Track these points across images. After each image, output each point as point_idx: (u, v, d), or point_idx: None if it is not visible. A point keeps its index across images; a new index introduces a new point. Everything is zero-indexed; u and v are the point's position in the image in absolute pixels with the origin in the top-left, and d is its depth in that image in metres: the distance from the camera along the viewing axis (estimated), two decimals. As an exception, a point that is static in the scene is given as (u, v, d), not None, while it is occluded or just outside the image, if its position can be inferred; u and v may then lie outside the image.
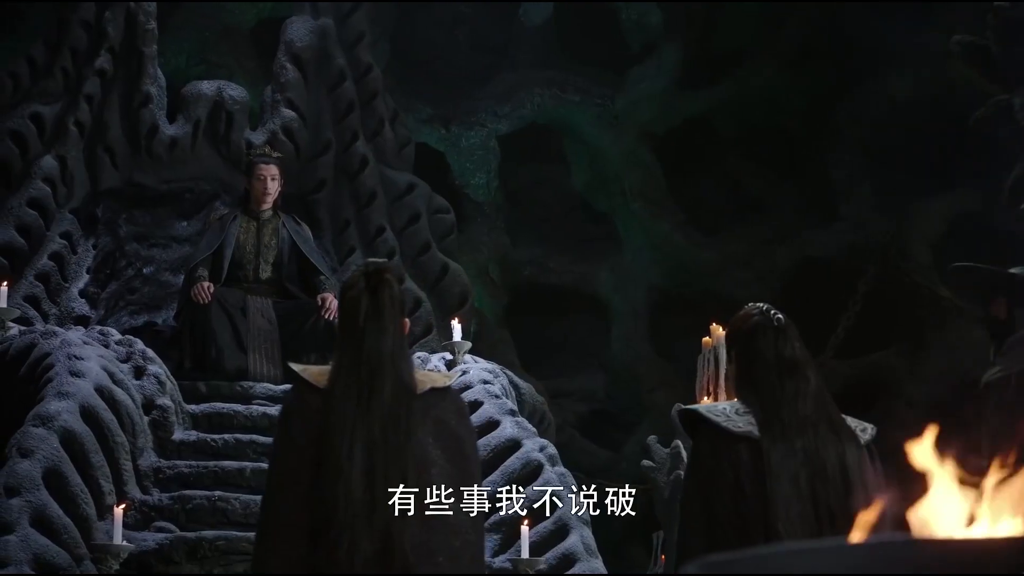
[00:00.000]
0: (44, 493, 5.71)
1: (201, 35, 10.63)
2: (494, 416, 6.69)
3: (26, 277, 8.25)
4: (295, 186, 8.94)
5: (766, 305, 3.76)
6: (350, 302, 3.32)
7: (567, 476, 6.47)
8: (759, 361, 3.60)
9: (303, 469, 3.19)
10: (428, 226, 9.25)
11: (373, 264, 3.43)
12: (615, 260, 11.55)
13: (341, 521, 3.10)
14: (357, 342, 3.27)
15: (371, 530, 3.10)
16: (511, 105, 11.24)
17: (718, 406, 3.66)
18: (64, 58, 8.83)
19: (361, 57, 9.42)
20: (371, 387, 3.22)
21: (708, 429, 3.57)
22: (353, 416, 3.19)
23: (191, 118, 8.98)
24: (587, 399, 11.27)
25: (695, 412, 3.65)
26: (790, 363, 3.57)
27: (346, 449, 3.15)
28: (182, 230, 8.63)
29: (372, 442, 3.17)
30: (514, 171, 11.39)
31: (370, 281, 3.31)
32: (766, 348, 3.60)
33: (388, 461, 3.16)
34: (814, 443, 3.47)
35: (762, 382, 3.57)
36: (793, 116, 11.39)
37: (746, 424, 3.53)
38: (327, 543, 3.10)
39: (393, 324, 3.30)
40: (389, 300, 3.31)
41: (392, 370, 3.25)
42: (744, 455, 3.47)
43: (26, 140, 8.60)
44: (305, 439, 3.21)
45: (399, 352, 3.30)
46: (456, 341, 7.60)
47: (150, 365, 6.70)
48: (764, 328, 3.63)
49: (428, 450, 3.24)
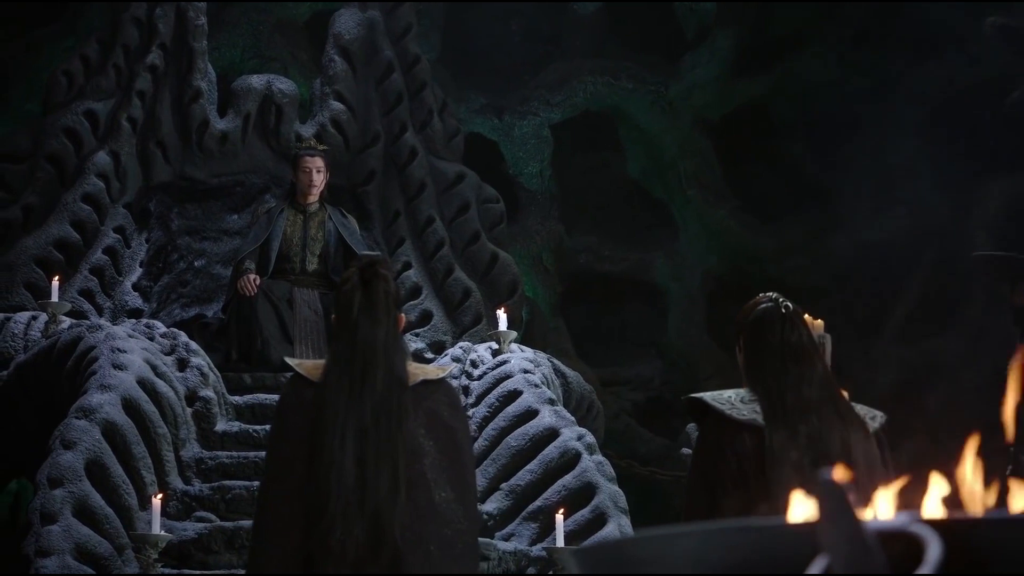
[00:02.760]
0: (86, 484, 5.82)
1: (255, 29, 10.72)
2: (533, 405, 6.70)
3: (81, 271, 8.42)
4: (345, 178, 9.01)
5: (775, 294, 3.77)
6: (344, 296, 3.36)
7: (605, 465, 6.47)
8: (765, 347, 3.62)
9: (298, 461, 3.25)
10: (477, 216, 9.27)
11: (367, 258, 3.47)
12: (671, 247, 11.50)
13: (333, 509, 3.15)
14: (350, 335, 3.31)
15: (362, 518, 3.14)
16: (563, 93, 11.22)
17: (724, 394, 3.66)
18: (116, 55, 8.97)
19: (409, 48, 9.46)
20: (364, 379, 3.27)
21: (713, 417, 3.57)
22: (345, 406, 3.24)
23: (241, 112, 9.09)
24: (643, 387, 11.24)
25: (701, 400, 3.65)
26: (796, 349, 3.58)
27: (338, 438, 3.20)
28: (233, 223, 8.72)
29: (364, 431, 3.22)
30: (568, 159, 11.38)
31: (364, 275, 3.36)
32: (772, 334, 3.61)
33: (379, 450, 3.21)
34: (818, 429, 3.46)
35: (768, 368, 3.58)
36: (849, 100, 11.26)
37: (751, 412, 3.53)
38: (320, 531, 3.15)
39: (387, 317, 3.34)
40: (383, 294, 3.35)
41: (384, 362, 3.29)
42: (747, 443, 3.48)
43: (80, 137, 8.75)
44: (299, 432, 3.27)
45: (392, 344, 3.34)
46: (502, 331, 7.61)
47: (193, 357, 6.79)
48: (771, 315, 3.65)
49: (419, 441, 3.28)
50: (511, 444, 6.61)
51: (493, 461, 6.63)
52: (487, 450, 6.68)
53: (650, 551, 1.32)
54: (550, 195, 11.26)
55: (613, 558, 1.39)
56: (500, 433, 6.69)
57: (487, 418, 6.80)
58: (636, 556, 1.34)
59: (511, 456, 6.58)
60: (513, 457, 6.58)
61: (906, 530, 1.18)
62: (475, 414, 6.87)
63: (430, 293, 8.85)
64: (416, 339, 8.56)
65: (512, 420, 6.70)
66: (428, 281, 8.90)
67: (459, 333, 8.69)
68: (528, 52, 11.30)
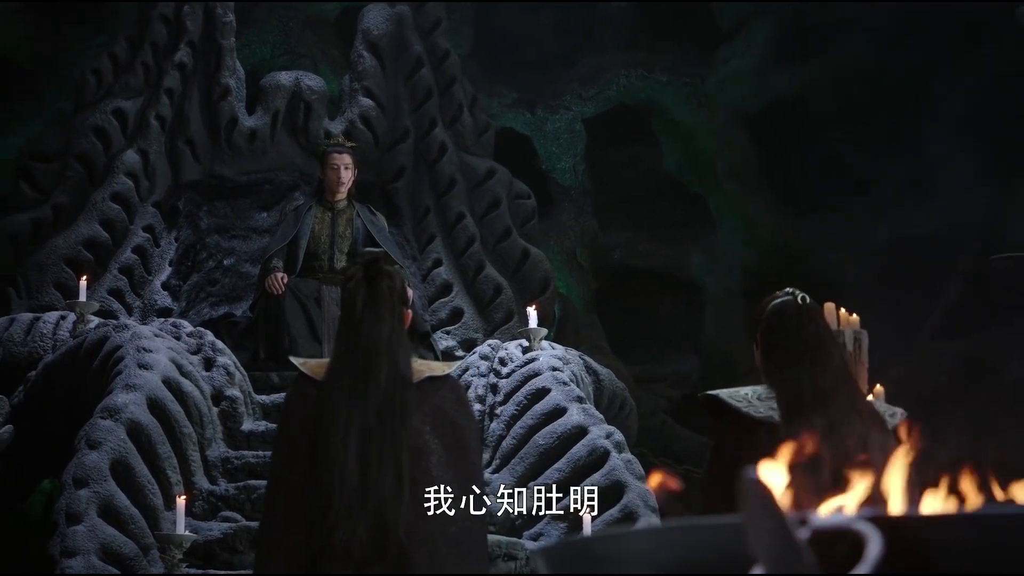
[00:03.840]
0: (111, 484, 5.88)
1: (285, 26, 10.78)
2: (561, 403, 6.71)
3: (110, 271, 8.49)
4: (374, 174, 9.04)
5: (792, 288, 3.76)
6: (348, 293, 3.39)
7: (634, 463, 6.47)
8: (782, 341, 3.62)
9: (301, 460, 3.28)
10: (508, 212, 9.29)
11: (371, 254, 3.50)
12: (708, 242, 11.47)
13: (337, 508, 3.18)
14: (354, 332, 3.34)
15: (365, 516, 3.16)
16: (597, 87, 11.21)
17: (741, 391, 3.67)
18: (145, 53, 9.05)
19: (438, 43, 9.49)
20: (367, 375, 3.29)
21: (729, 415, 3.57)
22: (348, 403, 3.26)
23: (270, 109, 9.14)
24: (680, 384, 11.22)
25: (717, 398, 3.65)
26: (812, 342, 3.59)
27: (341, 436, 3.23)
28: (262, 221, 8.77)
29: (367, 429, 3.24)
30: (602, 154, 11.37)
31: (368, 271, 3.37)
32: (789, 328, 3.62)
33: (382, 448, 3.23)
34: (834, 421, 3.45)
35: (784, 362, 3.59)
36: (890, 91, 11.20)
37: (767, 409, 3.54)
38: (323, 531, 3.17)
39: (391, 313, 3.36)
40: (388, 290, 3.37)
41: (388, 358, 3.31)
42: (764, 440, 3.47)
43: (109, 135, 8.84)
44: (303, 432, 3.30)
45: (396, 341, 3.35)
46: (532, 328, 7.61)
47: (219, 356, 6.85)
48: (787, 308, 3.66)
49: (425, 438, 3.30)
50: (539, 443, 6.62)
51: (521, 460, 6.65)
52: (515, 448, 6.70)
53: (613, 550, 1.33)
54: (583, 190, 11.26)
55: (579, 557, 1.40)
56: (528, 431, 6.70)
57: (515, 416, 6.82)
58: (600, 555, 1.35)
59: (539, 455, 6.59)
60: (541, 456, 6.59)
61: (848, 528, 1.18)
62: (503, 412, 6.88)
63: (461, 290, 8.87)
64: (447, 336, 8.59)
65: (540, 418, 6.71)
66: (459, 278, 8.92)
67: (490, 330, 8.71)
68: (560, 45, 11.30)
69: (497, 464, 6.76)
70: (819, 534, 1.19)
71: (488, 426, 6.94)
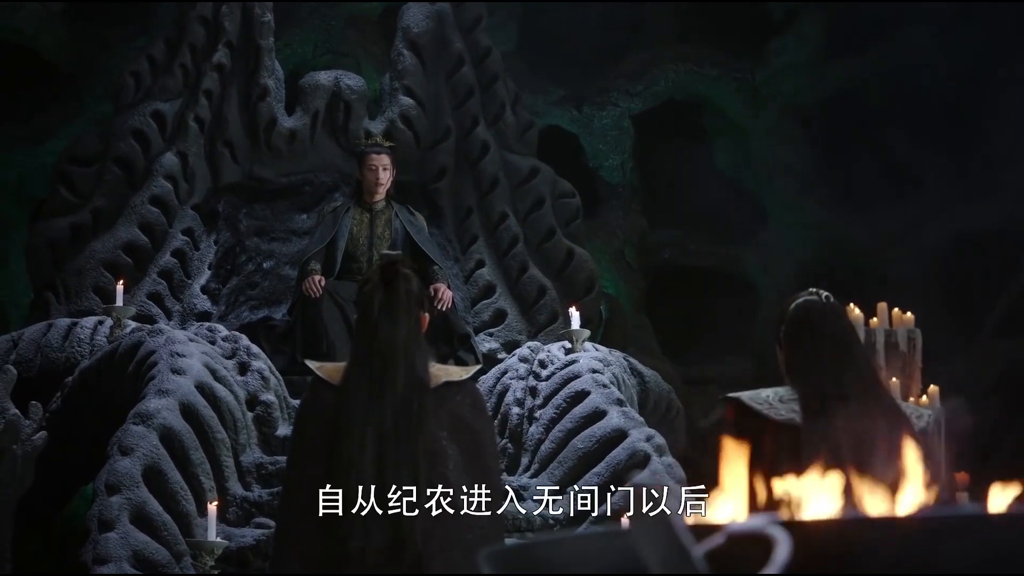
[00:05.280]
0: (144, 490, 5.95)
1: (327, 25, 10.84)
2: (600, 406, 6.71)
3: (149, 275, 8.56)
4: (415, 175, 9.06)
5: (816, 288, 3.75)
6: (365, 296, 3.40)
7: (675, 467, 6.45)
8: (804, 340, 3.63)
9: (318, 466, 3.28)
10: (552, 211, 9.28)
11: (387, 257, 3.51)
12: (761, 240, 11.40)
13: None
14: (370, 335, 3.35)
15: (381, 522, 3.17)
16: (644, 83, 11.18)
17: (762, 393, 3.66)
18: (183, 55, 9.11)
19: (480, 40, 9.49)
20: (383, 379, 3.30)
21: (750, 418, 3.56)
22: (365, 408, 3.28)
23: (309, 110, 9.18)
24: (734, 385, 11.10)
25: (738, 401, 3.64)
26: (835, 340, 3.60)
27: (358, 440, 3.24)
28: (301, 223, 8.82)
29: (383, 434, 3.26)
30: (650, 151, 11.34)
31: (385, 274, 3.39)
32: (811, 326, 3.62)
33: (399, 453, 3.24)
34: (856, 418, 3.43)
35: (806, 361, 3.58)
36: (948, 83, 11.08)
37: (788, 412, 3.53)
38: (339, 537, 3.18)
39: (408, 317, 3.36)
40: (405, 293, 3.38)
41: (405, 362, 3.32)
42: (785, 443, 3.46)
43: (148, 138, 8.89)
44: (319, 437, 3.31)
45: (413, 344, 3.36)
46: (574, 329, 7.62)
47: (254, 361, 6.89)
48: (810, 307, 3.66)
49: (442, 444, 3.30)
50: (578, 446, 6.62)
51: (560, 464, 6.65)
52: (553, 452, 6.70)
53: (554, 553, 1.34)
54: (632, 188, 11.24)
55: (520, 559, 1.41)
56: (567, 435, 6.70)
57: (554, 419, 6.82)
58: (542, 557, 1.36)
59: (578, 459, 6.59)
60: (580, 460, 6.59)
61: (759, 531, 1.18)
62: (542, 415, 6.88)
63: (504, 291, 8.87)
64: (490, 339, 8.59)
65: (579, 422, 6.71)
66: (502, 279, 8.92)
67: (534, 332, 8.71)
68: (607, 41, 11.27)
69: (536, 468, 6.76)
70: (734, 538, 1.19)
71: (527, 430, 6.95)
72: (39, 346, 7.58)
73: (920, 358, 8.60)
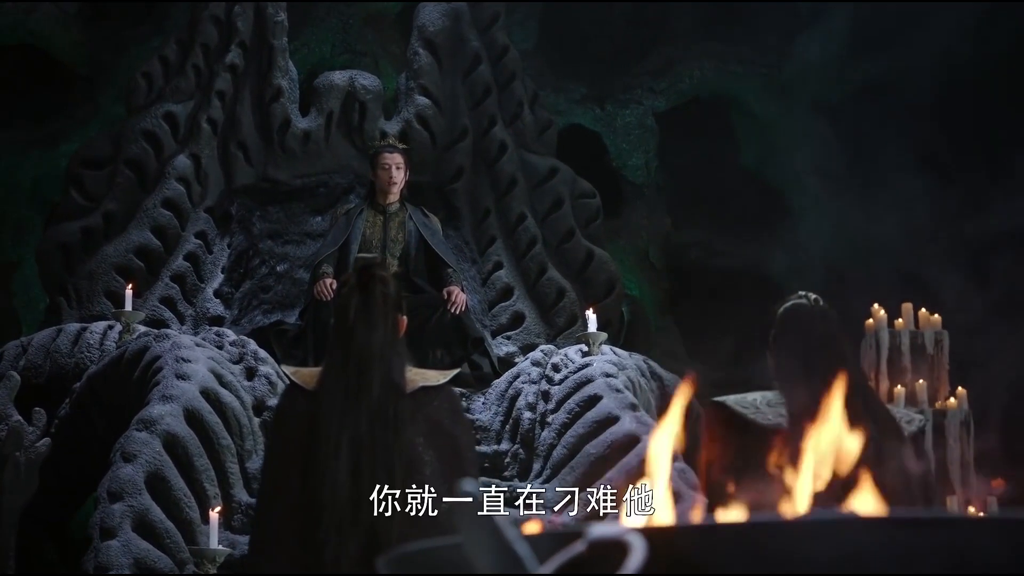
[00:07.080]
0: (146, 497, 5.97)
1: (344, 24, 10.87)
2: (613, 411, 6.69)
3: (161, 279, 8.58)
4: (432, 175, 9.06)
5: (806, 292, 3.74)
6: (341, 300, 3.41)
7: (687, 472, 6.41)
8: (793, 344, 3.60)
9: (293, 474, 3.29)
10: (572, 212, 9.26)
11: (364, 260, 3.52)
12: (789, 239, 11.34)
13: (328, 522, 3.20)
14: (346, 340, 3.35)
15: (356, 530, 3.18)
16: (668, 80, 11.16)
17: (748, 397, 3.66)
18: (195, 56, 9.14)
19: (497, 39, 9.48)
20: (359, 384, 3.31)
21: (737, 423, 3.55)
22: (341, 413, 3.28)
23: (324, 110, 9.20)
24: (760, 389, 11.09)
25: (724, 405, 3.63)
26: (824, 345, 3.56)
27: (333, 447, 3.25)
28: (316, 225, 8.83)
29: (359, 440, 3.26)
30: (675, 149, 11.30)
31: (361, 279, 3.39)
32: (800, 330, 3.60)
33: (375, 460, 3.25)
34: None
35: (795, 365, 3.56)
36: (980, 76, 11.00)
37: (775, 416, 3.52)
38: (315, 544, 3.19)
39: (384, 321, 3.37)
40: (381, 297, 3.38)
41: (381, 367, 3.32)
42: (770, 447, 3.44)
43: (160, 140, 8.92)
44: (294, 444, 3.32)
45: (389, 349, 3.37)
46: (591, 332, 7.60)
47: (261, 366, 6.91)
48: (798, 311, 3.63)
49: (419, 450, 3.30)
50: (590, 452, 6.60)
51: (572, 470, 6.63)
52: (565, 458, 6.68)
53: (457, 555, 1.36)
54: (656, 187, 11.21)
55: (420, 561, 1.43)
56: (579, 440, 6.68)
57: (566, 424, 6.80)
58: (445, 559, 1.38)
59: (590, 464, 6.57)
60: (592, 465, 6.57)
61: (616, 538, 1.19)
62: (555, 420, 6.87)
63: (522, 294, 8.87)
64: (508, 342, 8.59)
65: (591, 426, 6.69)
66: (520, 281, 8.91)
67: (553, 335, 8.70)
68: (631, 37, 11.26)
69: (548, 474, 6.75)
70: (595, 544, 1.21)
71: (539, 435, 6.94)
72: (48, 352, 7.63)
73: (947, 360, 8.54)
